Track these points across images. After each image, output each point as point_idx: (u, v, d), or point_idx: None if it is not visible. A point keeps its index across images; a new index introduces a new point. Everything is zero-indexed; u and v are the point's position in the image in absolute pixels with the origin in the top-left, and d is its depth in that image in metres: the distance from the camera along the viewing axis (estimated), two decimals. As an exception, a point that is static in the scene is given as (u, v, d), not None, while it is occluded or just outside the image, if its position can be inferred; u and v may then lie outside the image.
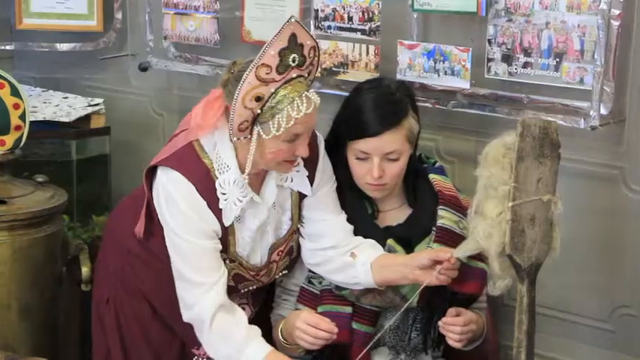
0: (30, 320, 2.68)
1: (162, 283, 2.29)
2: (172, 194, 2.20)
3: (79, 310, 2.91)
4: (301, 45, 2.08)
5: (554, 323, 2.52)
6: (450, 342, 2.24)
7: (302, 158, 2.25)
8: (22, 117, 2.71)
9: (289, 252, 2.35)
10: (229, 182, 2.20)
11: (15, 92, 2.70)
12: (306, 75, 2.14)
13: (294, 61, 2.08)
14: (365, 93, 2.31)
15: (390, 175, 2.29)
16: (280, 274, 2.38)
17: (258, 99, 2.07)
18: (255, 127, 2.11)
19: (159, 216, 2.25)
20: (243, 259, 2.28)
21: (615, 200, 2.38)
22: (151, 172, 2.25)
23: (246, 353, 2.19)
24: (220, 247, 2.22)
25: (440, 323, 2.23)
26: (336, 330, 2.22)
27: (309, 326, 2.22)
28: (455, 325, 2.21)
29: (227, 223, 2.21)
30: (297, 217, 2.33)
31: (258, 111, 2.09)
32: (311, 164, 2.30)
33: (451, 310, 2.23)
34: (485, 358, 2.42)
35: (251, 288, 2.34)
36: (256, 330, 2.24)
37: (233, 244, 2.25)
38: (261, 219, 2.26)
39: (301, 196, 2.32)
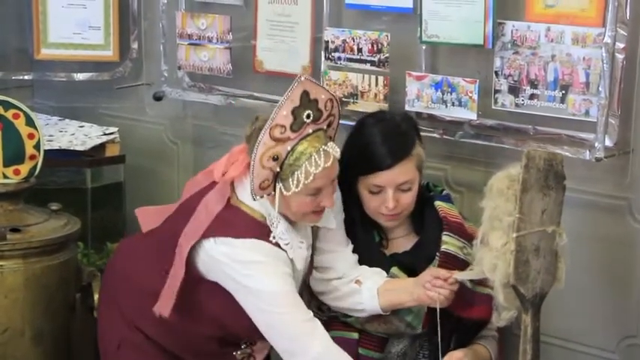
0: (43, 346, 2.70)
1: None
2: (246, 257, 2.16)
3: (91, 337, 2.93)
4: (315, 100, 2.09)
5: (560, 353, 2.53)
6: None
7: None
8: (37, 146, 2.75)
9: (307, 276, 2.37)
10: (283, 231, 2.19)
11: (30, 122, 2.74)
12: (325, 127, 2.14)
13: (308, 117, 2.09)
14: (371, 127, 2.35)
15: (404, 204, 2.32)
16: None
17: (275, 158, 2.08)
18: (277, 184, 2.12)
19: (232, 288, 2.18)
20: None
21: (621, 231, 2.39)
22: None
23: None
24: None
25: None
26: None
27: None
28: None
29: (299, 267, 2.22)
30: (312, 245, 2.35)
31: (278, 169, 2.10)
32: None
33: None
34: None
35: None
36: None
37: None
38: (304, 255, 2.26)
39: (314, 228, 2.34)
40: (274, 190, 2.13)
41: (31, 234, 2.69)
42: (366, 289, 2.29)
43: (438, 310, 2.21)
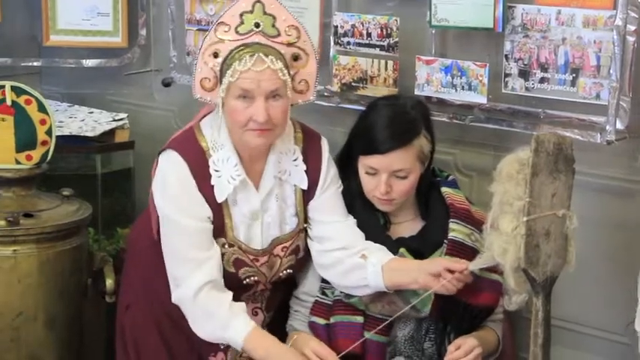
0: (56, 331, 2.72)
1: None
2: (166, 175, 2.28)
3: (104, 322, 2.96)
4: (272, 16, 2.17)
5: (569, 336, 2.54)
6: None
7: (304, 156, 2.32)
8: (49, 132, 2.77)
9: (295, 251, 2.38)
10: (222, 160, 2.27)
11: (42, 108, 2.76)
12: (288, 54, 2.19)
13: (257, 26, 2.17)
14: (380, 109, 2.35)
15: (398, 192, 2.32)
16: (285, 272, 2.39)
17: (215, 55, 2.17)
18: (218, 88, 2.20)
19: (155, 202, 2.31)
20: (242, 243, 2.31)
21: (631, 214, 2.40)
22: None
23: (229, 329, 2.23)
24: (211, 227, 2.26)
25: None
26: None
27: (317, 358, 2.25)
28: None
29: (219, 200, 2.26)
30: (304, 216, 2.36)
31: (218, 68, 2.17)
32: (314, 164, 2.34)
33: (450, 348, 2.24)
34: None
35: (254, 279, 2.35)
36: (240, 306, 2.27)
37: (230, 228, 2.29)
38: (254, 206, 2.30)
39: (306, 197, 2.36)
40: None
41: (44, 219, 2.71)
42: (370, 265, 2.28)
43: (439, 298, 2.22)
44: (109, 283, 2.78)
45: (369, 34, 2.68)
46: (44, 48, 3.35)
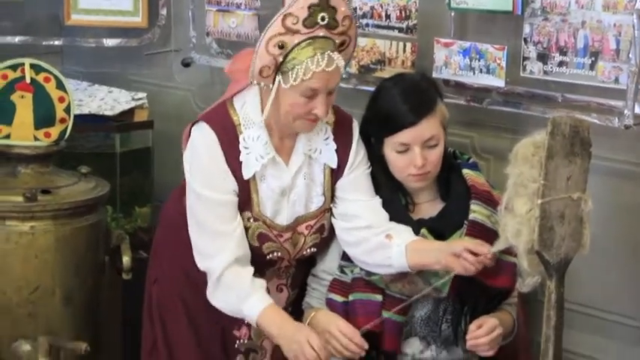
0: (72, 306, 2.75)
1: None
2: (196, 146, 2.29)
3: (120, 298, 2.99)
4: (334, 8, 2.15)
5: (584, 320, 2.53)
6: (482, 354, 2.28)
7: (334, 136, 2.33)
8: (67, 110, 2.79)
9: (320, 230, 2.39)
10: (253, 138, 2.28)
11: (60, 86, 2.78)
12: (338, 42, 2.20)
13: (322, 19, 2.14)
14: (390, 89, 2.35)
15: (432, 162, 2.32)
16: (309, 250, 2.40)
17: (281, 46, 2.15)
18: (277, 77, 2.18)
19: (185, 173, 2.32)
20: (267, 218, 2.33)
21: (648, 199, 2.39)
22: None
23: (247, 303, 2.25)
24: (236, 200, 2.29)
25: (467, 344, 2.25)
26: (366, 346, 2.26)
27: (343, 336, 2.26)
28: (479, 338, 2.23)
29: (246, 176, 2.28)
30: (330, 196, 2.38)
31: (281, 59, 2.15)
32: (344, 144, 2.36)
33: (471, 327, 2.25)
34: (516, 352, 2.44)
35: (277, 254, 2.36)
36: (260, 283, 2.30)
37: (257, 204, 2.31)
38: (284, 182, 2.32)
39: (335, 176, 2.36)
40: (273, 83, 2.18)
41: (61, 196, 2.73)
42: (395, 245, 2.29)
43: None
44: (126, 260, 2.80)
45: (387, 16, 2.68)
46: (65, 27, 3.37)
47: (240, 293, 2.26)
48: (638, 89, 2.28)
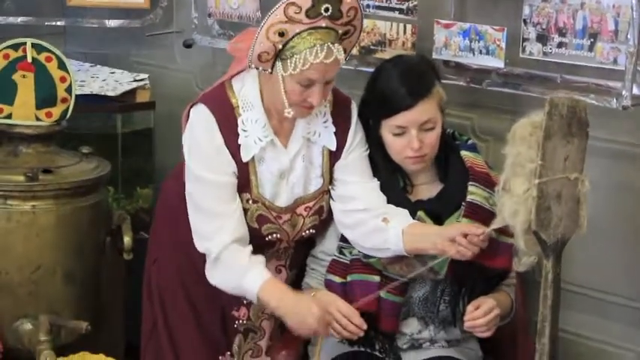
0: (74, 286, 2.77)
1: None
2: (194, 128, 2.30)
3: (121, 279, 3.00)
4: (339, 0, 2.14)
5: (583, 301, 2.54)
6: (480, 335, 2.29)
7: (333, 118, 2.34)
8: (69, 90, 2.79)
9: (318, 211, 2.40)
10: (251, 120, 2.29)
11: (62, 66, 2.78)
12: (342, 33, 2.19)
13: (326, 10, 2.13)
14: (389, 70, 2.35)
15: (429, 144, 2.33)
16: (307, 231, 2.42)
17: (281, 34, 2.14)
18: (277, 63, 2.18)
19: (184, 155, 2.33)
20: (266, 200, 2.34)
21: (646, 180, 2.40)
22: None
23: (247, 278, 2.27)
24: (235, 181, 2.30)
25: (465, 325, 2.27)
26: (365, 326, 2.27)
27: (343, 316, 2.28)
28: (477, 319, 2.24)
29: (245, 159, 2.29)
30: (329, 178, 2.39)
31: (280, 46, 2.16)
32: (343, 126, 2.36)
33: (469, 307, 2.26)
34: (514, 333, 2.46)
35: (276, 236, 2.37)
36: (258, 259, 2.31)
37: (256, 186, 2.32)
38: (283, 165, 2.33)
39: (333, 158, 2.37)
40: (272, 69, 2.19)
41: (62, 175, 2.74)
42: (392, 229, 2.30)
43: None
44: (127, 240, 2.82)
45: (388, -3, 2.68)
46: (68, 8, 3.36)
47: (239, 269, 2.28)
48: (637, 70, 2.28)
